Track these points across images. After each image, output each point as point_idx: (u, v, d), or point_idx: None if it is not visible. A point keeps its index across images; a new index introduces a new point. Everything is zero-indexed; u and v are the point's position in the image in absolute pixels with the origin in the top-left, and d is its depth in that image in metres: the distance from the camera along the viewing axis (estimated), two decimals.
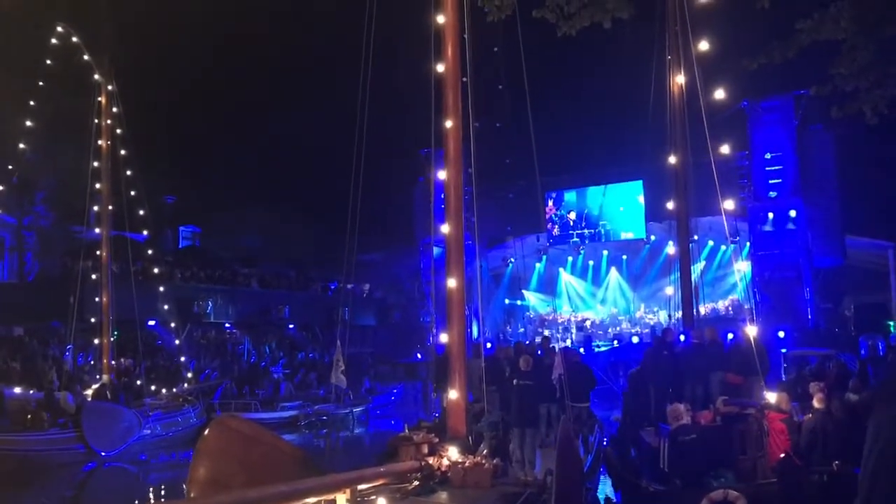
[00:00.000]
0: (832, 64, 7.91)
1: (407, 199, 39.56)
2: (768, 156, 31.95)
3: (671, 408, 11.55)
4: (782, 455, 10.08)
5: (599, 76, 36.30)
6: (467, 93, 10.03)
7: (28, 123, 24.54)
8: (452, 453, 8.55)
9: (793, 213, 31.19)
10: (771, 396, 11.18)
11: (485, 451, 9.11)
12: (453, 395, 9.61)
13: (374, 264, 39.84)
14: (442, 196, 10.48)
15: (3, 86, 26.43)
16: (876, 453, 3.33)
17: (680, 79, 16.27)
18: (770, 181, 31.91)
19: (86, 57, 25.23)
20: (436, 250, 18.21)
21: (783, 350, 23.87)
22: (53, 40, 24.35)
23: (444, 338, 10.21)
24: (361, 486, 6.58)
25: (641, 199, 37.20)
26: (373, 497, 6.76)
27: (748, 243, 32.45)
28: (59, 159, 29.06)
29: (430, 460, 8.27)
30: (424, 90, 10.36)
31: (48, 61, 24.17)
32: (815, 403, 10.69)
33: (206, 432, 6.96)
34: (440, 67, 10.10)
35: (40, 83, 24.14)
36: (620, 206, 38.60)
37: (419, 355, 35.84)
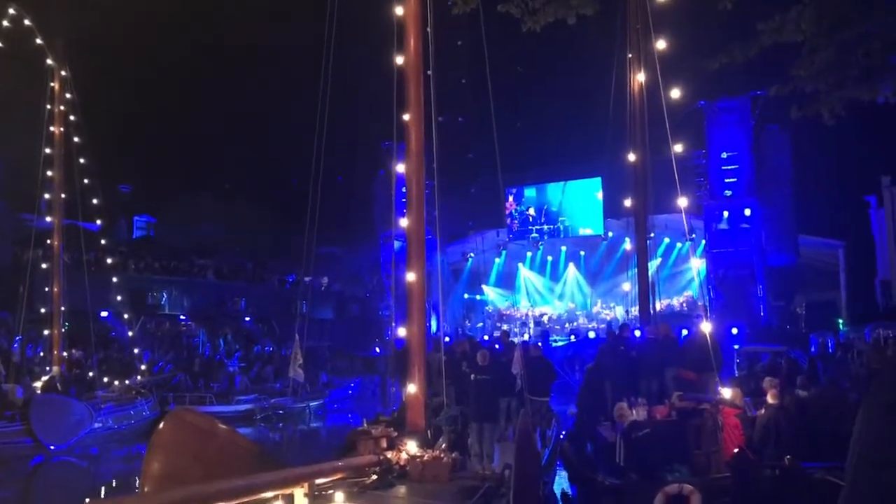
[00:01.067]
0: (792, 65, 8.03)
1: (367, 191, 39.38)
2: (725, 155, 32.48)
3: (616, 406, 11.67)
4: (736, 450, 10.23)
5: (562, 73, 36.59)
6: (430, 86, 9.98)
7: None
8: (411, 447, 8.53)
9: (747, 212, 31.76)
10: (725, 392, 11.34)
11: (443, 445, 9.11)
12: (412, 389, 9.59)
13: (333, 257, 39.59)
14: (403, 190, 10.44)
15: None
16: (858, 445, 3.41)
17: (640, 77, 16.42)
18: (726, 180, 32.46)
19: (38, 41, 24.60)
20: (396, 244, 18.13)
21: (736, 346, 24.30)
22: (5, 22, 23.66)
23: (403, 332, 10.19)
24: (319, 481, 6.52)
25: (600, 195, 37.56)
26: (331, 491, 6.71)
27: (703, 241, 32.98)
28: (9, 145, 28.28)
29: (389, 454, 8.23)
30: (387, 82, 10.30)
31: None
32: (769, 399, 10.89)
33: (161, 426, 6.83)
34: (402, 60, 10.05)
35: None
36: (579, 203, 38.94)
37: (377, 349, 35.78)
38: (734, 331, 27.60)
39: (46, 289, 25.26)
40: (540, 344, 27.78)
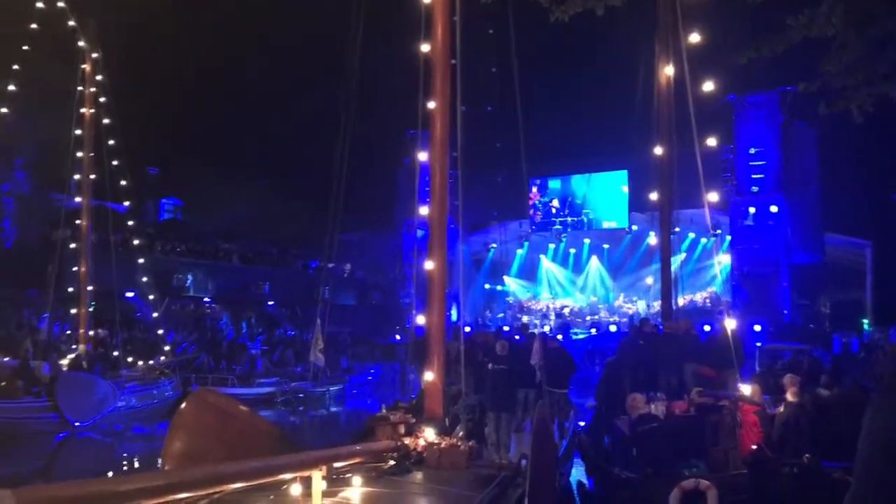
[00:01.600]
0: (821, 61, 7.95)
1: (391, 180, 39.45)
2: (752, 150, 32.18)
3: (630, 397, 11.67)
4: (754, 447, 10.20)
5: (589, 64, 36.24)
6: (456, 75, 9.98)
7: (10, 87, 24.15)
8: (429, 434, 8.58)
9: (774, 209, 31.46)
10: (745, 389, 11.29)
11: (461, 433, 9.15)
12: (431, 377, 9.64)
13: (356, 244, 39.76)
14: (426, 179, 10.46)
15: None
16: (871, 441, 3.39)
17: (669, 70, 16.27)
18: (753, 176, 32.17)
19: (71, 22, 24.86)
20: (418, 233, 18.20)
21: (758, 344, 24.13)
22: (39, 4, 23.93)
23: (423, 320, 10.23)
24: (337, 464, 6.59)
25: (625, 188, 37.35)
26: (348, 475, 6.78)
27: (728, 237, 32.71)
28: (40, 126, 28.62)
29: (407, 441, 8.29)
30: (412, 71, 10.32)
31: (33, 25, 23.76)
32: (789, 396, 10.83)
33: (183, 406, 6.94)
34: (428, 48, 10.05)
35: (24, 47, 23.73)
36: (604, 196, 38.75)
37: (398, 336, 35.91)
38: (757, 328, 27.42)
39: (74, 268, 25.62)
40: (560, 336, 27.85)
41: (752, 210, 31.92)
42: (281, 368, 29.84)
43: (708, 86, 15.06)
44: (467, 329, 19.76)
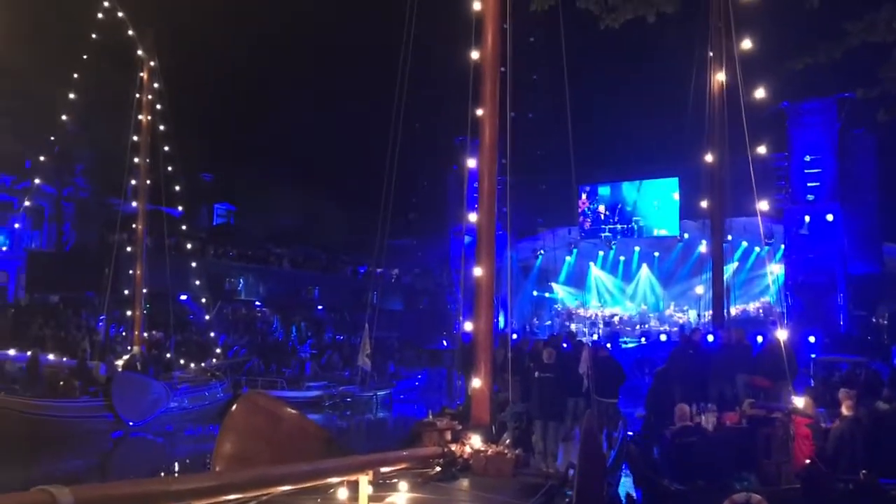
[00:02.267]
0: (881, 67, 7.75)
1: (440, 186, 39.57)
2: (808, 158, 31.51)
3: (678, 406, 11.51)
4: (808, 461, 9.98)
5: (639, 70, 35.95)
6: (505, 82, 9.98)
7: (71, 96, 24.86)
8: (475, 441, 8.58)
9: (830, 218, 30.74)
10: (798, 401, 11.05)
11: (507, 441, 9.13)
12: (478, 383, 9.64)
13: (405, 249, 39.97)
14: (475, 185, 10.48)
15: (50, 58, 26.84)
16: None
17: (721, 76, 16.05)
18: (808, 184, 31.49)
19: (130, 32, 25.50)
20: (466, 239, 18.20)
21: (812, 355, 23.58)
22: (100, 14, 24.61)
23: (470, 326, 10.23)
24: (384, 469, 6.63)
25: (676, 196, 36.86)
26: (395, 480, 6.81)
27: (782, 246, 32.05)
28: (99, 132, 29.43)
29: (453, 447, 8.30)
30: (460, 78, 10.35)
31: (93, 35, 24.45)
32: (844, 410, 10.56)
33: (234, 408, 7.06)
34: (477, 55, 10.07)
35: (85, 56, 24.41)
36: (655, 202, 38.28)
37: (445, 342, 35.93)
38: (811, 339, 26.78)
39: (130, 271, 26.21)
40: (609, 345, 27.58)
41: (807, 219, 31.24)
42: (329, 372, 30.10)
43: (761, 92, 14.82)
44: (514, 336, 19.69)
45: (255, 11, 38.88)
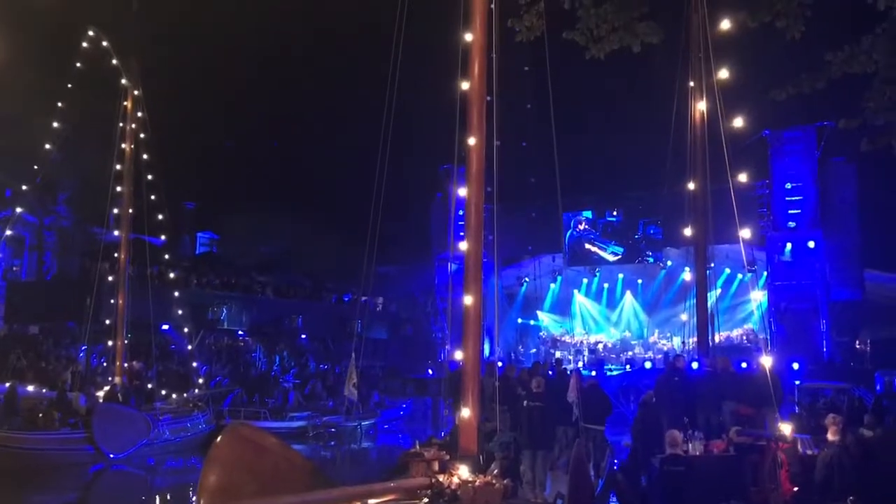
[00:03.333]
0: (860, 97, 7.87)
1: (424, 213, 39.61)
2: (788, 186, 31.85)
3: (668, 433, 11.52)
4: (796, 488, 9.97)
5: (623, 99, 36.32)
6: (492, 111, 10.05)
7: (55, 124, 24.78)
8: (463, 472, 8.49)
9: (811, 245, 31.02)
10: (784, 427, 11.06)
11: (495, 470, 9.05)
12: (466, 412, 9.57)
13: (389, 277, 39.86)
14: (460, 213, 10.49)
15: (34, 86, 26.78)
16: None
17: (701, 105, 16.23)
18: (789, 211, 31.80)
19: (114, 61, 25.51)
20: (451, 266, 18.21)
21: (797, 382, 23.66)
22: (84, 43, 24.62)
23: (457, 355, 10.19)
24: (371, 501, 6.55)
25: (659, 223, 37.11)
26: None
27: (765, 273, 32.27)
28: (82, 161, 29.30)
29: (441, 477, 8.21)
30: (446, 107, 10.40)
31: (77, 64, 24.43)
32: (830, 436, 10.58)
33: (218, 440, 6.94)
34: (465, 85, 10.14)
35: (69, 85, 24.37)
36: (639, 231, 38.51)
37: (430, 371, 35.76)
38: (795, 366, 26.89)
39: (112, 301, 25.96)
40: (594, 372, 27.54)
41: (788, 246, 31.51)
42: (312, 402, 29.83)
43: (740, 121, 15.00)
44: (499, 364, 19.63)
45: (238, 41, 39.10)
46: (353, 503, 5.87)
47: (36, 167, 25.27)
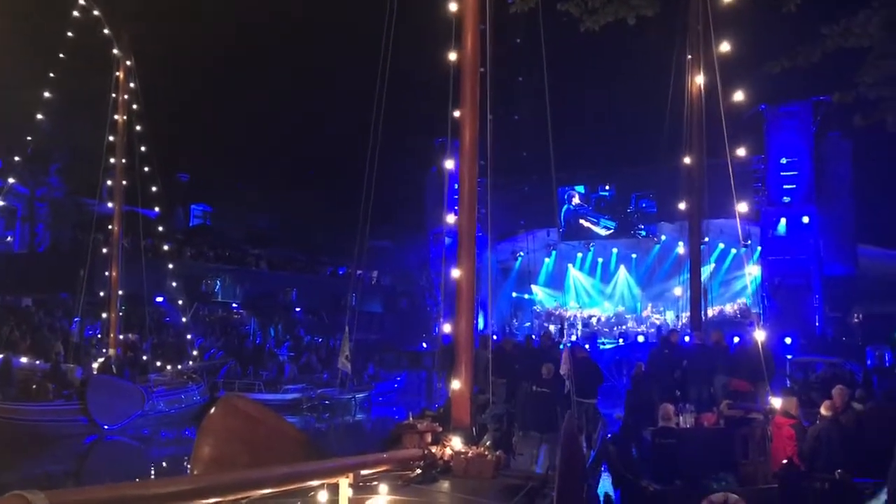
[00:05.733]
0: (856, 72, 7.84)
1: (419, 187, 39.52)
2: (784, 161, 31.84)
3: (662, 406, 11.60)
4: (784, 461, 10.04)
5: (618, 73, 36.08)
6: (486, 83, 9.96)
7: (46, 95, 24.53)
8: (456, 443, 8.55)
9: (806, 220, 31.09)
10: (776, 402, 11.13)
11: (488, 442, 9.12)
12: (458, 385, 9.61)
13: (384, 251, 39.85)
14: (455, 186, 10.45)
15: (24, 56, 26.45)
16: None
17: (699, 79, 16.13)
18: (784, 186, 31.82)
19: (106, 31, 25.21)
20: (446, 240, 18.17)
21: (789, 356, 23.82)
22: (75, 12, 24.30)
23: (450, 328, 10.21)
24: (364, 472, 6.57)
25: (651, 197, 37.13)
26: (375, 483, 6.76)
27: (759, 248, 32.34)
28: (74, 132, 29.06)
29: (433, 449, 8.26)
30: (440, 79, 10.32)
31: (69, 33, 24.13)
32: (823, 410, 10.63)
33: (212, 411, 6.96)
34: (458, 56, 10.04)
35: (60, 55, 24.10)
36: (631, 205, 38.55)
37: (424, 344, 35.89)
38: (787, 340, 27.06)
39: (105, 273, 25.91)
40: (588, 346, 27.65)
41: (783, 221, 31.57)
42: (307, 375, 29.94)
43: (739, 95, 14.92)
44: (494, 337, 19.69)
45: (232, 11, 38.63)
46: (347, 474, 5.89)
47: (28, 138, 25.06)
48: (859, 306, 32.09)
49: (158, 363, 26.49)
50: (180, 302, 29.12)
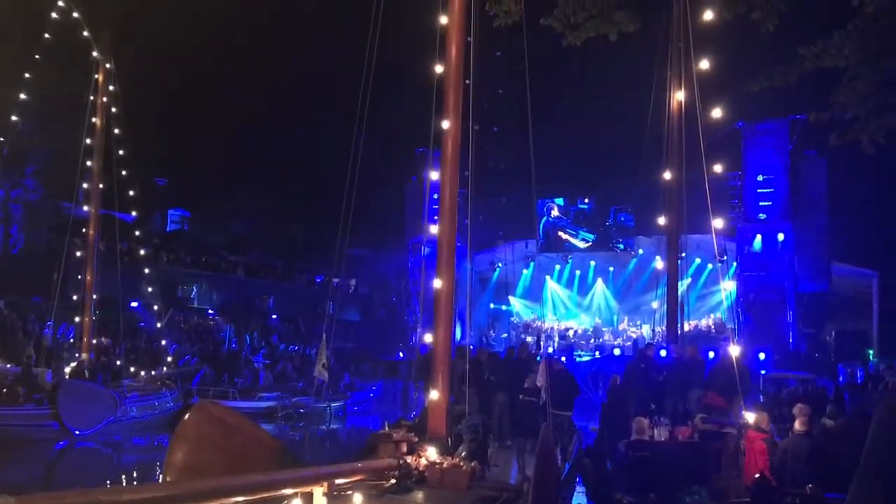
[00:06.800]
0: (832, 92, 7.98)
1: (398, 197, 39.50)
2: (760, 178, 32.15)
3: (636, 420, 11.68)
4: (756, 475, 10.13)
5: (600, 87, 36.37)
6: (469, 95, 10.01)
7: (23, 96, 24.29)
8: (431, 453, 8.55)
9: (781, 237, 31.40)
10: (749, 416, 11.23)
11: (463, 453, 9.11)
12: (435, 395, 9.61)
13: (362, 260, 39.77)
14: (435, 197, 10.46)
15: (1, 57, 26.21)
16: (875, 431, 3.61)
17: (679, 95, 16.30)
18: (760, 203, 32.11)
19: (85, 33, 25.04)
20: (425, 250, 18.21)
21: (762, 372, 24.01)
22: (54, 14, 24.12)
23: (429, 338, 10.21)
24: (339, 481, 6.56)
25: (630, 211, 37.40)
26: (349, 492, 6.74)
27: (735, 263, 32.62)
28: (52, 134, 28.79)
29: (409, 459, 8.26)
30: (422, 90, 10.35)
31: (47, 35, 23.94)
32: (797, 426, 10.73)
33: (186, 417, 6.91)
34: (442, 68, 10.09)
35: (37, 56, 23.88)
36: (610, 218, 38.80)
37: (401, 353, 35.79)
38: (762, 356, 27.28)
39: (80, 276, 25.64)
40: (564, 358, 27.72)
41: (759, 237, 31.86)
42: (282, 383, 29.76)
43: (717, 112, 15.10)
44: (471, 347, 19.70)
45: (213, 15, 38.50)
46: (321, 483, 5.88)
47: (2, 139, 24.79)
48: (832, 323, 32.46)
49: (132, 368, 26.21)
50: (156, 307, 28.87)
